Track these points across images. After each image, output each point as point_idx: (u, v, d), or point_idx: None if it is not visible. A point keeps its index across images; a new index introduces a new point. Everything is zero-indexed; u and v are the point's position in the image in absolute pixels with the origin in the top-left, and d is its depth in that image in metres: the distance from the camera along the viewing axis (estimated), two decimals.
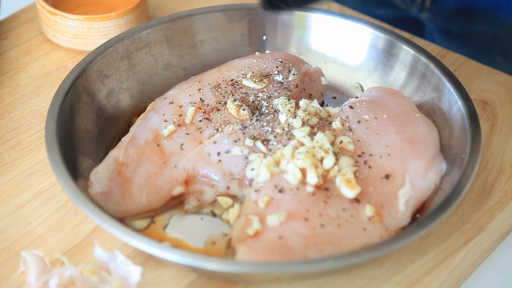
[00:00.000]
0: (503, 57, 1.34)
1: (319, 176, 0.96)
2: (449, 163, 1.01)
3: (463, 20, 1.34)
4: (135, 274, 0.90)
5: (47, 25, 1.23)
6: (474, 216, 1.00)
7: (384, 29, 1.14)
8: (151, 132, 1.03)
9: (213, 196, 1.00)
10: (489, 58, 1.34)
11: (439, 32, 1.41)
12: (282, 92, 1.08)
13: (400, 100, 1.07)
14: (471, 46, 1.36)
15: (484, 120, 1.12)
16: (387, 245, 0.88)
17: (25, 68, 1.21)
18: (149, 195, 0.98)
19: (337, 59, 1.18)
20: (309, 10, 1.17)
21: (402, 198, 0.97)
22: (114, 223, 0.89)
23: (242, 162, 1.00)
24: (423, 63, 1.10)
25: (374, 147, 1.01)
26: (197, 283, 0.92)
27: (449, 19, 1.36)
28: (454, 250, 0.96)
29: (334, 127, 1.02)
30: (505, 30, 1.31)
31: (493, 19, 1.31)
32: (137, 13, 1.23)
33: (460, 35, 1.37)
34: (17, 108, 1.14)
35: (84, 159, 1.01)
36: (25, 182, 1.04)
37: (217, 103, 1.05)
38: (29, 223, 0.98)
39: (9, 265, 0.94)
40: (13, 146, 1.08)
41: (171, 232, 0.97)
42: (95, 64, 1.08)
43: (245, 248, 0.90)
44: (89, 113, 1.06)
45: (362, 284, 0.92)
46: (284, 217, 0.93)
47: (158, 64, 1.16)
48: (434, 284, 0.92)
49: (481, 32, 1.34)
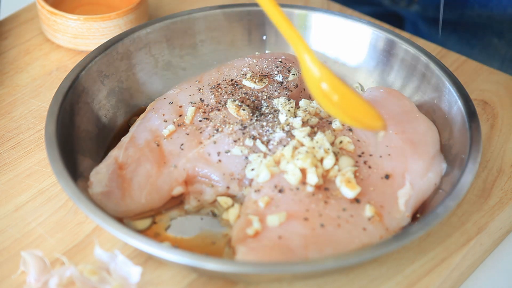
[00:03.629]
0: (499, 38, 1.34)
1: (319, 176, 0.96)
2: (449, 163, 1.01)
3: (455, 7, 1.34)
4: (135, 274, 0.90)
5: (47, 25, 1.23)
6: (474, 216, 1.00)
7: (384, 29, 1.14)
8: (151, 132, 1.03)
9: (213, 196, 1.00)
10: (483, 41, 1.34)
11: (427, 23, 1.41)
12: (282, 92, 1.08)
13: (400, 100, 1.07)
14: (463, 31, 1.36)
15: (484, 120, 1.12)
16: (387, 245, 0.88)
17: (25, 68, 1.21)
18: (149, 195, 0.98)
19: (337, 59, 1.18)
20: (309, 10, 1.17)
21: (402, 198, 0.97)
22: (114, 223, 0.89)
23: (242, 162, 1.00)
24: (423, 63, 1.10)
25: (374, 147, 1.01)
26: (197, 283, 0.92)
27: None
28: (454, 250, 0.96)
29: (334, 127, 1.02)
30: (499, 12, 1.31)
31: (486, 2, 1.31)
32: (137, 13, 1.23)
33: (451, 23, 1.37)
34: (17, 108, 1.14)
35: (84, 159, 1.01)
36: (25, 182, 1.04)
37: (217, 103, 1.05)
38: (29, 223, 0.98)
39: (9, 265, 0.94)
40: (13, 146, 1.09)
41: (171, 232, 0.97)
42: (95, 64, 1.08)
43: (245, 248, 0.90)
44: (89, 113, 1.06)
45: (362, 284, 0.92)
46: (284, 217, 0.93)
47: (158, 64, 1.16)
48: (434, 284, 0.92)
49: (476, 16, 1.34)
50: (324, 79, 0.92)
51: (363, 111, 0.92)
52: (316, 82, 0.92)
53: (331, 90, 0.92)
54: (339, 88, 0.92)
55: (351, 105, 0.92)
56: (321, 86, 0.92)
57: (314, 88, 0.93)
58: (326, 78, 0.92)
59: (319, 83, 0.92)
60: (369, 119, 0.92)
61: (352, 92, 0.92)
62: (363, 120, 0.92)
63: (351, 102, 0.92)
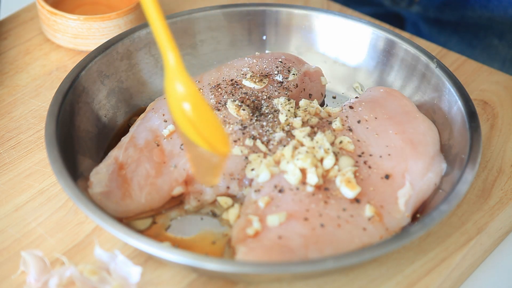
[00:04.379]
0: (499, 39, 1.35)
1: (319, 176, 0.96)
2: (449, 163, 1.01)
3: (456, 8, 1.35)
4: (135, 274, 0.90)
5: (47, 25, 1.23)
6: (474, 216, 1.00)
7: (384, 28, 1.14)
8: (151, 132, 1.03)
9: (213, 196, 1.00)
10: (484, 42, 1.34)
11: (428, 24, 1.41)
12: (282, 92, 1.08)
13: (400, 100, 1.07)
14: (464, 32, 1.36)
15: (484, 120, 1.12)
16: (387, 245, 0.88)
17: (25, 68, 1.21)
18: (149, 195, 0.98)
19: (337, 59, 1.18)
20: (309, 10, 1.17)
21: (402, 198, 0.97)
22: (114, 223, 0.89)
23: (242, 162, 1.00)
24: (423, 63, 1.10)
25: (374, 147, 1.01)
26: (197, 283, 0.92)
27: (442, 8, 1.36)
28: (454, 250, 0.96)
29: (334, 127, 1.02)
30: (500, 13, 1.31)
31: (486, 3, 1.31)
32: (137, 13, 1.23)
33: (452, 23, 1.37)
34: (17, 108, 1.14)
35: (84, 159, 1.01)
36: (25, 182, 1.04)
37: (217, 103, 1.05)
38: (29, 223, 0.98)
39: (9, 265, 0.94)
40: (13, 146, 1.08)
41: (171, 232, 0.97)
42: (95, 64, 1.08)
43: (245, 248, 0.90)
44: (89, 113, 1.06)
45: (362, 284, 0.92)
46: (284, 217, 0.93)
47: (158, 64, 1.15)
48: (434, 284, 0.92)
49: (477, 17, 1.34)
50: (188, 99, 0.88)
51: (216, 135, 0.89)
52: (179, 99, 0.88)
53: (192, 110, 0.88)
54: (200, 108, 0.88)
55: (207, 127, 0.88)
56: (182, 104, 0.88)
57: (174, 103, 0.89)
58: (190, 97, 0.88)
59: (181, 101, 0.88)
60: (219, 144, 0.89)
61: (212, 115, 0.89)
62: (214, 143, 0.89)
63: (208, 124, 0.89)
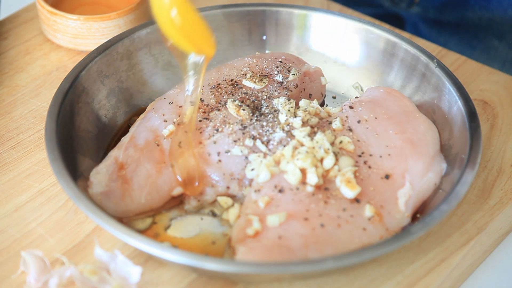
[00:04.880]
0: (499, 40, 1.35)
1: (319, 176, 0.96)
2: (449, 163, 1.01)
3: (456, 9, 1.35)
4: (135, 274, 0.90)
5: (47, 25, 1.23)
6: (474, 216, 1.00)
7: (384, 29, 1.14)
8: (151, 132, 1.03)
9: (213, 196, 1.00)
10: (484, 42, 1.34)
11: (428, 25, 1.41)
12: (282, 92, 1.08)
13: (400, 100, 1.07)
14: (464, 33, 1.36)
15: (484, 120, 1.12)
16: (387, 245, 0.88)
17: (25, 68, 1.21)
18: (149, 195, 0.98)
19: (337, 59, 1.18)
20: (309, 10, 1.17)
21: (402, 198, 0.97)
22: (114, 223, 0.89)
23: (242, 162, 1.00)
24: (423, 63, 1.10)
25: (374, 147, 1.01)
26: (197, 283, 0.92)
27: (441, 9, 1.37)
28: (454, 250, 0.96)
29: (334, 127, 1.02)
30: (500, 13, 1.31)
31: (486, 4, 1.31)
32: (137, 13, 1.23)
33: (451, 24, 1.37)
34: (17, 108, 1.14)
35: (84, 159, 1.01)
36: (25, 182, 1.04)
37: (217, 103, 1.05)
38: (29, 223, 0.98)
39: (9, 265, 0.94)
40: (13, 146, 1.09)
41: (171, 232, 0.97)
42: (95, 64, 1.08)
43: (245, 248, 0.90)
44: (89, 113, 1.06)
45: (362, 284, 0.92)
46: (284, 217, 0.93)
47: (158, 64, 1.16)
48: (434, 284, 0.92)
49: (476, 18, 1.34)
50: (174, 4, 0.93)
51: (203, 37, 0.96)
52: (167, 8, 0.93)
53: (178, 15, 0.93)
54: (187, 12, 0.94)
55: (193, 29, 0.95)
56: (170, 13, 0.93)
57: (161, 13, 0.94)
58: (176, 2, 0.93)
59: (169, 9, 0.93)
60: (206, 46, 0.97)
61: (198, 17, 0.95)
62: (201, 46, 0.96)
63: (195, 26, 0.95)
